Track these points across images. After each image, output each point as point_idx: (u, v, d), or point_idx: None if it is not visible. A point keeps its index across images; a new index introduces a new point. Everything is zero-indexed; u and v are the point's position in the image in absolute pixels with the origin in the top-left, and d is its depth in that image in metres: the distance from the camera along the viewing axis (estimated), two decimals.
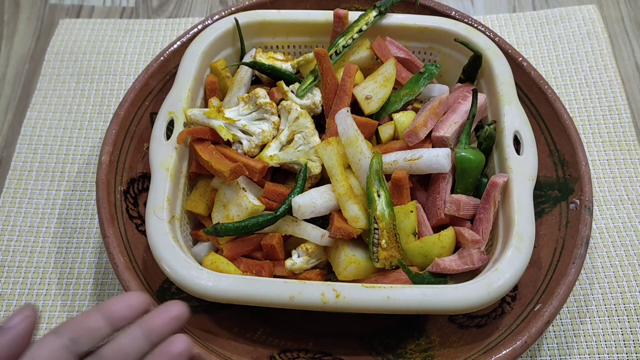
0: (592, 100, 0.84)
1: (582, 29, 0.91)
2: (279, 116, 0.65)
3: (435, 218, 0.62)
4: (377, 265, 0.57)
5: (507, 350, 0.54)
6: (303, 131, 0.63)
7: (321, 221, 0.61)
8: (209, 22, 0.73)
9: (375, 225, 0.56)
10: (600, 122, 0.83)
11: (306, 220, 0.60)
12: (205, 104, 0.70)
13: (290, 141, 0.63)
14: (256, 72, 0.70)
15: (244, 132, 0.63)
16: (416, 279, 0.57)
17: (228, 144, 0.64)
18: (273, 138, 0.63)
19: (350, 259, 0.57)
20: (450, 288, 0.53)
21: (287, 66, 0.70)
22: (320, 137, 0.64)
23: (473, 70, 0.69)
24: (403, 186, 0.59)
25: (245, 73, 0.69)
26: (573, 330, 0.67)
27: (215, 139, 0.63)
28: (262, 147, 0.63)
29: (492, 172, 0.65)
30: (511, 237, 0.56)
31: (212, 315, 0.62)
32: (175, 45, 0.72)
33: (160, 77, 0.72)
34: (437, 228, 0.62)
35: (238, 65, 0.71)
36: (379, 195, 0.57)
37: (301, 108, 0.64)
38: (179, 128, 0.63)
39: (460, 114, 0.64)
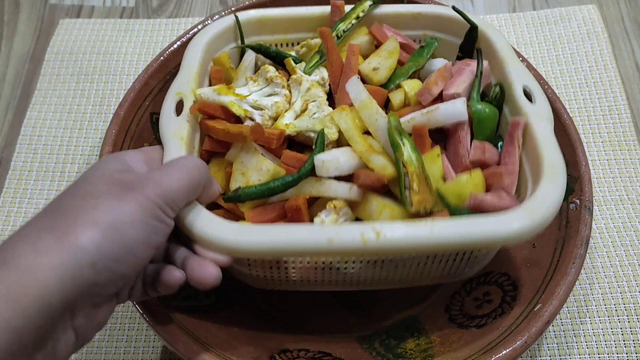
0: (592, 100, 0.85)
1: (582, 28, 0.91)
2: (290, 92, 0.64)
3: (459, 166, 0.60)
4: (411, 210, 0.53)
5: (507, 350, 0.54)
6: (316, 100, 0.62)
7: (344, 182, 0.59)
8: (209, 22, 0.74)
9: (404, 170, 0.55)
10: (600, 122, 0.83)
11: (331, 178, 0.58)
12: None
13: (304, 111, 0.63)
14: (259, 62, 0.70)
15: (256, 107, 0.62)
16: (457, 213, 0.55)
17: (239, 121, 0.63)
18: (286, 110, 0.63)
19: (383, 204, 0.55)
20: (493, 217, 0.51)
21: (291, 54, 0.71)
22: None
23: (470, 44, 0.70)
24: (424, 136, 0.58)
25: (249, 60, 0.69)
26: (573, 330, 0.67)
27: (226, 117, 0.62)
28: (276, 120, 0.63)
29: (505, 130, 0.63)
30: (543, 169, 0.54)
31: (212, 315, 0.62)
32: (175, 45, 0.72)
33: (161, 77, 0.72)
34: None
35: (241, 56, 0.71)
36: (403, 143, 0.56)
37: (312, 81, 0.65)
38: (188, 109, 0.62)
39: (467, 75, 0.64)
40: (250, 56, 0.69)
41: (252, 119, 0.61)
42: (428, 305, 0.67)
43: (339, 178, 0.57)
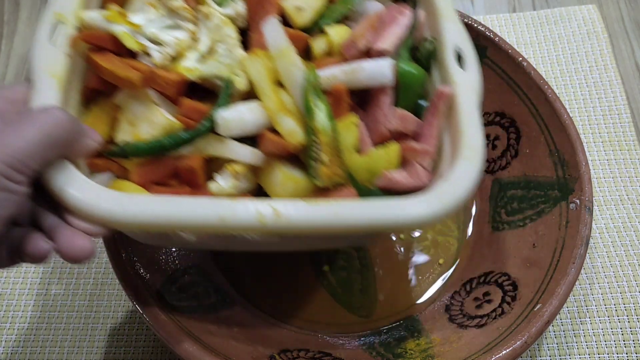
0: (592, 100, 0.84)
1: (582, 29, 0.91)
2: (197, 26, 0.55)
3: (376, 135, 0.54)
4: (318, 183, 0.50)
5: (507, 350, 0.54)
6: (226, 41, 0.54)
7: (249, 143, 0.53)
8: None
9: (315, 139, 0.50)
10: (600, 122, 0.83)
11: (233, 138, 0.52)
12: None
13: (211, 52, 0.54)
14: None
15: (154, 41, 0.53)
16: (365, 193, 0.51)
17: (132, 55, 0.54)
18: (190, 49, 0.54)
19: (287, 175, 0.50)
20: (401, 200, 0.47)
21: None
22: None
23: None
24: (342, 99, 0.52)
25: None
26: (573, 330, 0.67)
27: (117, 49, 0.53)
28: (177, 60, 0.54)
29: (430, 96, 0.58)
30: (461, 148, 0.50)
31: (212, 315, 0.62)
32: None
33: None
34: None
35: None
36: (317, 107, 0.51)
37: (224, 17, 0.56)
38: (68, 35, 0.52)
39: (399, 28, 0.58)
40: None
41: (148, 55, 0.52)
42: (428, 305, 0.67)
43: (243, 139, 0.51)
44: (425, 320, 0.65)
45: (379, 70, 0.53)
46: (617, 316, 0.68)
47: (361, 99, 0.57)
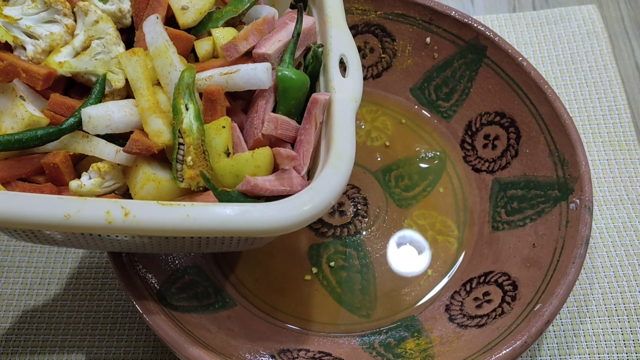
0: (592, 100, 0.85)
1: (582, 29, 0.91)
2: (76, 21, 0.55)
3: (252, 139, 0.55)
4: (181, 185, 0.50)
5: (507, 350, 0.54)
6: (104, 37, 0.53)
7: (122, 142, 0.52)
8: None
9: (181, 140, 0.50)
10: (600, 121, 0.83)
11: (101, 137, 0.51)
12: None
13: (86, 49, 0.54)
14: None
15: (29, 35, 0.53)
16: (223, 197, 0.49)
17: (7, 49, 0.53)
18: (65, 44, 0.53)
19: (148, 176, 0.49)
20: (259, 206, 0.47)
21: None
22: None
23: None
24: (217, 101, 0.52)
25: None
26: (573, 330, 0.67)
27: None
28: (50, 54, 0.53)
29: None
30: (330, 156, 0.51)
31: (212, 315, 0.62)
32: None
33: None
34: None
35: None
36: (187, 108, 0.50)
37: (103, 13, 0.55)
38: None
39: (286, 33, 0.59)
40: None
41: (24, 48, 0.53)
42: (428, 305, 0.67)
43: (118, 135, 0.51)
44: (425, 320, 0.65)
45: (254, 74, 0.53)
46: (617, 316, 0.68)
47: (249, 103, 0.57)
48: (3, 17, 0.52)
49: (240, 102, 0.58)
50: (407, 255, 0.70)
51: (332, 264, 0.69)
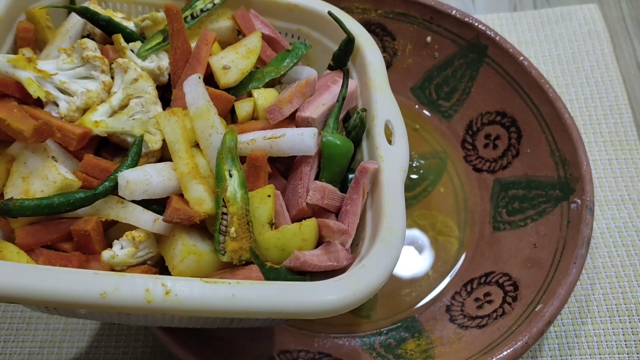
0: (593, 99, 0.84)
1: (583, 28, 0.91)
2: (113, 78, 0.52)
3: (295, 208, 0.52)
4: (223, 258, 0.46)
5: (508, 351, 0.54)
6: (142, 96, 0.51)
7: (157, 207, 0.49)
8: None
9: (225, 210, 0.46)
10: (601, 121, 0.82)
11: (137, 202, 0.47)
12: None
13: (124, 107, 0.51)
14: (88, 25, 0.56)
15: (63, 91, 0.50)
16: (270, 274, 0.46)
17: (39, 104, 0.50)
18: (102, 102, 0.50)
19: (189, 248, 0.46)
20: (310, 285, 0.44)
21: (128, 25, 0.57)
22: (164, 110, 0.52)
23: (344, 55, 0.61)
24: (260, 167, 0.49)
25: (73, 24, 0.55)
26: (574, 331, 0.67)
27: (22, 97, 0.49)
28: (86, 112, 0.50)
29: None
30: (380, 230, 0.48)
31: None
32: None
33: None
34: (298, 221, 0.52)
35: (67, 14, 0.57)
36: (230, 175, 0.47)
37: (142, 70, 0.53)
38: None
39: (330, 96, 0.57)
40: (76, 17, 0.55)
41: (56, 104, 0.49)
42: (428, 306, 0.67)
43: (152, 201, 0.47)
44: (426, 320, 0.65)
45: (301, 139, 0.51)
46: (618, 316, 0.67)
47: (288, 167, 0.55)
48: (37, 72, 0.49)
49: (279, 165, 0.55)
50: (407, 255, 0.70)
51: None
